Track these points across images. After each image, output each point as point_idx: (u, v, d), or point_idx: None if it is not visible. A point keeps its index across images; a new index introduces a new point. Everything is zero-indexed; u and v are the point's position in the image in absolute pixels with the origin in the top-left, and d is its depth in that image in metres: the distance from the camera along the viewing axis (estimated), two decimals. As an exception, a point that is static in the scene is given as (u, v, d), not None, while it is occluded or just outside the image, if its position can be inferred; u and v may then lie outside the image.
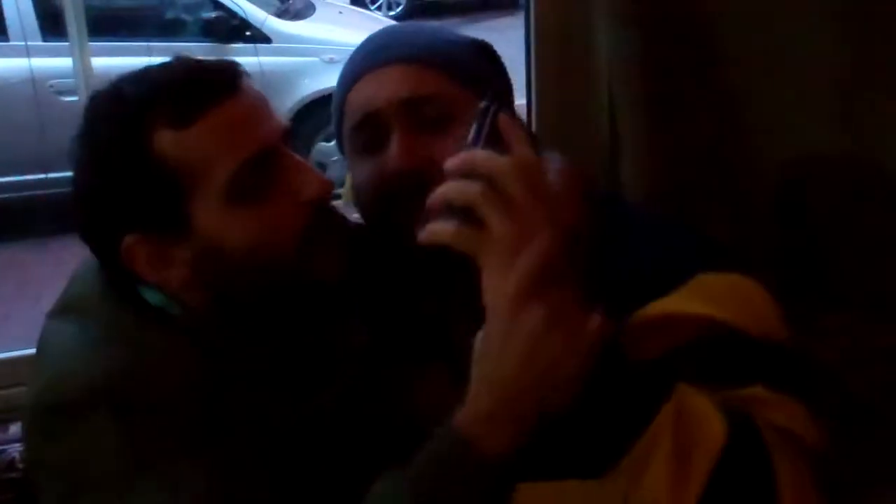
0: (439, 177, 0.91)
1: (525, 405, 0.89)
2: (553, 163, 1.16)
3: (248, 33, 5.99)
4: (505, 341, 0.87)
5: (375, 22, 7.60)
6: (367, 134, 1.15)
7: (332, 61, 5.87)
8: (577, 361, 0.87)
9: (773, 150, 1.59)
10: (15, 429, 1.76)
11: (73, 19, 1.90)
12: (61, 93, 5.26)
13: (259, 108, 1.06)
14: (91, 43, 2.36)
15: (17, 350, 1.89)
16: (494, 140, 0.91)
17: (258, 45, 5.91)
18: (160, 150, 0.99)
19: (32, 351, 1.80)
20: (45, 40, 5.48)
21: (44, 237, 5.35)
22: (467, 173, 0.89)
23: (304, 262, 1.04)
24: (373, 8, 10.35)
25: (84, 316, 1.08)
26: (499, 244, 0.87)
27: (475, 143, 0.92)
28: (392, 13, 10.48)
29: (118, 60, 5.08)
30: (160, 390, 0.99)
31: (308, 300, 1.07)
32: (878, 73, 1.52)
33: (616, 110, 1.59)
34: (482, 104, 0.95)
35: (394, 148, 1.12)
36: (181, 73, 1.04)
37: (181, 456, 0.96)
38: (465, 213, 0.88)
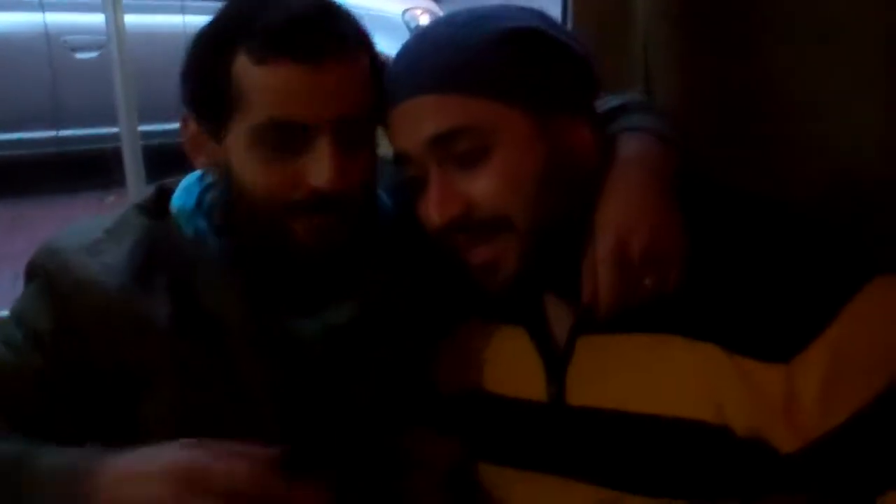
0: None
1: None
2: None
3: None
4: None
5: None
6: (407, 170, 1.12)
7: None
8: None
9: (819, 129, 1.48)
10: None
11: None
12: (76, 49, 5.18)
13: (334, 86, 1.09)
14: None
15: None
16: None
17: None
18: (234, 69, 1.10)
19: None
20: (59, -6, 5.40)
21: (53, 195, 5.33)
22: None
23: (287, 226, 1.12)
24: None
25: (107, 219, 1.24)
26: None
27: None
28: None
29: (145, 18, 4.97)
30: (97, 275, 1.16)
31: (294, 258, 1.14)
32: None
33: (650, 46, 1.53)
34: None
35: (431, 195, 1.08)
36: (293, 13, 1.09)
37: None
38: None
